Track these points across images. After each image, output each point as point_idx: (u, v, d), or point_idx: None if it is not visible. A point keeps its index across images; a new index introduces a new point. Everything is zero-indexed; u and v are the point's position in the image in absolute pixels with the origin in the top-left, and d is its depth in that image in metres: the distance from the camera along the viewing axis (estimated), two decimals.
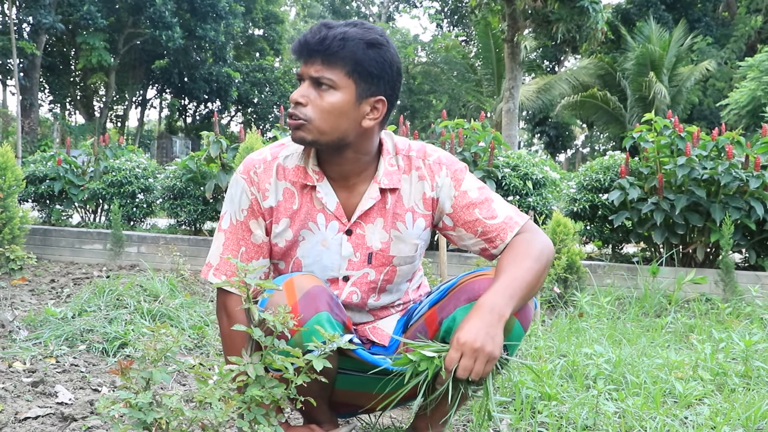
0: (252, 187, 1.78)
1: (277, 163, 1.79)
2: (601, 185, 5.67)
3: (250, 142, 5.49)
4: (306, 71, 1.68)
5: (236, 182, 1.82)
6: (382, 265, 1.83)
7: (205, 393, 1.37)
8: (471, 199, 1.81)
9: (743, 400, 2.36)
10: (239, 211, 1.80)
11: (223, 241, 1.81)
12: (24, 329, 3.19)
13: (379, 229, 1.81)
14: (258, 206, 1.79)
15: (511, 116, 14.23)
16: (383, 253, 1.82)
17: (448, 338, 1.75)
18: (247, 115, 34.30)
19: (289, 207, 1.79)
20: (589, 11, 12.87)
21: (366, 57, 1.65)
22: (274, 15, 32.83)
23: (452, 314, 1.74)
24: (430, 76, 28.63)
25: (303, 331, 1.60)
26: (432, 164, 1.82)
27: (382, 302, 1.91)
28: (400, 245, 1.83)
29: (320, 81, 1.66)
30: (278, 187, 1.79)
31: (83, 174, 6.99)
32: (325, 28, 1.66)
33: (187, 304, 3.61)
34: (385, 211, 1.81)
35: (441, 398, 1.82)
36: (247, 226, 1.80)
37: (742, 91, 17.40)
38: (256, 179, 1.78)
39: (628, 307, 4.22)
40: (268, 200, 1.78)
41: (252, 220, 1.79)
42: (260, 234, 1.80)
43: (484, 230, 1.79)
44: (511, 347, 1.74)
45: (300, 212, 1.79)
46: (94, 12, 23.41)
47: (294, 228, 1.79)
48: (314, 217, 1.79)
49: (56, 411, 2.16)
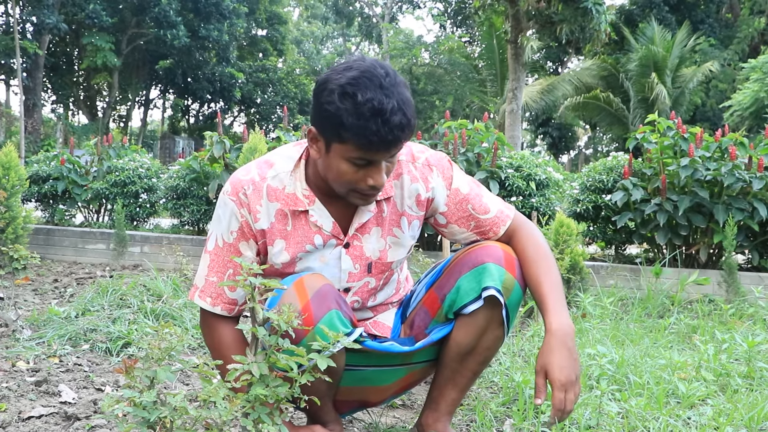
0: (242, 209, 1.74)
1: (267, 184, 1.75)
2: (604, 186, 5.66)
3: (254, 142, 5.49)
4: (384, 156, 1.60)
5: (224, 204, 1.77)
6: (381, 272, 1.86)
7: (210, 392, 1.38)
8: (463, 195, 1.84)
9: (746, 400, 2.36)
10: (227, 233, 1.76)
11: (208, 263, 1.79)
12: (27, 328, 3.19)
13: (377, 239, 1.82)
14: (249, 229, 1.75)
15: (515, 117, 14.22)
16: (381, 261, 1.84)
17: (451, 312, 1.81)
18: (250, 116, 34.30)
19: (282, 228, 1.76)
20: (593, 12, 12.85)
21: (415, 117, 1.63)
22: (277, 15, 32.83)
23: (455, 286, 1.79)
24: (433, 77, 28.60)
25: (317, 329, 1.60)
26: (422, 167, 1.83)
27: (379, 300, 1.94)
28: (398, 250, 1.85)
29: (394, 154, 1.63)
30: (270, 208, 1.75)
31: (86, 174, 7.00)
32: (399, 115, 1.55)
33: (190, 304, 3.61)
34: (383, 220, 1.82)
35: (446, 386, 1.87)
36: (236, 248, 1.77)
37: (745, 92, 17.38)
38: (246, 201, 1.74)
39: (631, 308, 4.21)
40: (260, 222, 1.75)
41: (242, 243, 1.76)
42: (250, 255, 1.77)
43: (477, 224, 1.84)
44: (512, 311, 1.79)
45: (295, 234, 1.76)
46: (99, 11, 23.43)
47: (290, 250, 1.77)
48: (311, 238, 1.77)
49: (60, 410, 2.17)
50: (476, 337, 1.80)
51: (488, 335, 1.80)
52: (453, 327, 1.81)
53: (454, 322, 1.82)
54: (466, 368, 1.85)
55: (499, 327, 1.80)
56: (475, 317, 1.77)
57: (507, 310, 1.77)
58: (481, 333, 1.79)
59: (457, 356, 1.83)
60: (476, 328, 1.78)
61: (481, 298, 1.74)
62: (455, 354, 1.82)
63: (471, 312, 1.77)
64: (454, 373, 1.86)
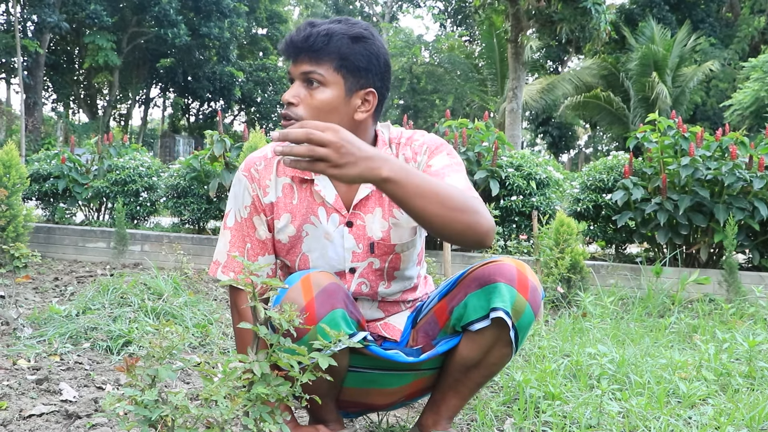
0: (253, 183, 1.83)
1: (277, 160, 1.83)
2: (604, 185, 5.66)
3: (254, 141, 5.50)
4: (295, 71, 1.71)
5: (238, 180, 1.86)
6: (385, 253, 1.84)
7: (211, 390, 1.37)
8: (432, 171, 1.77)
9: (747, 400, 2.36)
10: (242, 208, 1.84)
11: (229, 238, 1.85)
12: (28, 327, 3.19)
13: (379, 219, 1.82)
14: (259, 202, 1.83)
15: (515, 116, 14.22)
16: (384, 242, 1.83)
17: (458, 326, 1.78)
18: (251, 114, 34.31)
19: (288, 202, 1.82)
20: (593, 12, 12.85)
21: (352, 51, 1.68)
22: (277, 14, 32.84)
23: (463, 301, 1.76)
24: (433, 76, 28.61)
25: (318, 328, 1.60)
26: (417, 147, 1.84)
27: (393, 290, 1.89)
28: (400, 231, 1.84)
29: (309, 78, 1.69)
30: (278, 183, 1.82)
31: (87, 172, 7.00)
32: (309, 26, 1.70)
33: (191, 303, 3.62)
34: (383, 200, 1.83)
35: (448, 392, 1.85)
36: (251, 223, 1.84)
37: (746, 91, 17.37)
38: (257, 176, 1.83)
39: (632, 307, 4.21)
40: (269, 196, 1.82)
41: (255, 217, 1.83)
42: (263, 230, 1.84)
43: None
44: (522, 332, 1.74)
45: (300, 207, 1.81)
46: (100, 11, 23.44)
47: (296, 223, 1.81)
48: (315, 211, 1.81)
49: (61, 408, 2.17)
50: (482, 354, 1.76)
51: (494, 353, 1.76)
52: (459, 340, 1.78)
53: (461, 335, 1.79)
54: (469, 379, 1.83)
55: (506, 346, 1.75)
56: (482, 334, 1.74)
57: (516, 332, 1.72)
58: (488, 350, 1.76)
59: (461, 368, 1.80)
60: (482, 345, 1.75)
61: (488, 318, 1.70)
62: (460, 366, 1.80)
63: (478, 329, 1.73)
64: (457, 383, 1.84)
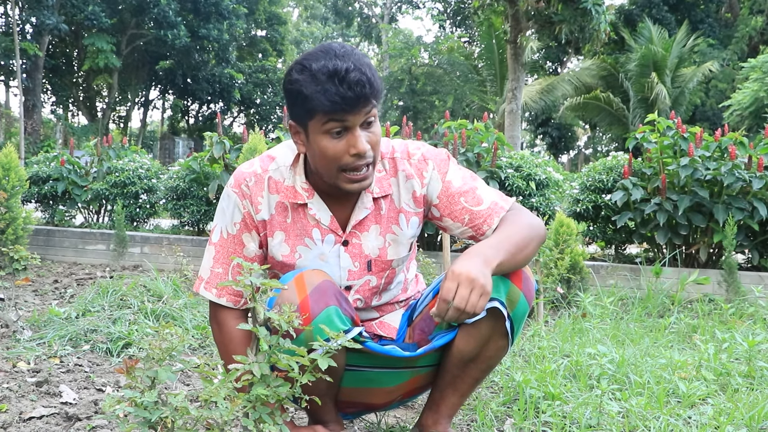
0: (244, 200, 1.78)
1: (268, 176, 1.78)
2: (604, 186, 5.67)
3: (254, 142, 5.49)
4: (355, 119, 1.60)
5: (227, 196, 1.81)
6: (381, 270, 1.84)
7: (211, 392, 1.38)
8: (455, 188, 1.80)
9: (747, 400, 2.36)
10: (231, 225, 1.79)
11: (214, 254, 1.81)
12: (28, 329, 3.20)
13: (375, 236, 1.81)
14: (251, 219, 1.78)
15: (514, 117, 14.22)
16: (381, 259, 1.83)
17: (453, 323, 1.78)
18: (250, 116, 34.31)
19: (282, 220, 1.79)
20: (592, 13, 12.85)
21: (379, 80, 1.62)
22: (276, 16, 32.83)
23: None
24: (433, 77, 28.59)
25: (316, 329, 1.59)
26: (417, 162, 1.82)
27: (384, 300, 1.92)
28: (398, 248, 1.84)
29: (369, 121, 1.63)
30: (270, 200, 1.78)
31: (86, 175, 7.01)
32: (356, 73, 1.56)
33: (190, 305, 3.62)
34: (381, 218, 1.81)
35: (447, 390, 1.85)
36: (240, 240, 1.79)
37: (745, 92, 17.38)
38: (248, 192, 1.78)
39: (632, 308, 4.21)
40: (261, 213, 1.78)
41: (245, 234, 1.79)
42: (253, 247, 1.80)
43: (471, 217, 1.79)
44: (517, 323, 1.75)
45: (294, 227, 1.79)
46: (99, 13, 23.44)
47: (290, 243, 1.79)
48: (309, 232, 1.79)
49: (60, 411, 2.17)
50: (479, 346, 1.77)
51: (491, 345, 1.77)
52: (456, 334, 1.79)
53: (457, 329, 1.79)
54: (467, 375, 1.83)
55: (502, 338, 1.76)
56: (478, 327, 1.74)
57: (511, 322, 1.74)
58: (484, 343, 1.76)
59: (459, 363, 1.81)
60: (479, 337, 1.75)
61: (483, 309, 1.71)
62: (457, 361, 1.80)
63: (474, 321, 1.73)
64: (455, 379, 1.84)
